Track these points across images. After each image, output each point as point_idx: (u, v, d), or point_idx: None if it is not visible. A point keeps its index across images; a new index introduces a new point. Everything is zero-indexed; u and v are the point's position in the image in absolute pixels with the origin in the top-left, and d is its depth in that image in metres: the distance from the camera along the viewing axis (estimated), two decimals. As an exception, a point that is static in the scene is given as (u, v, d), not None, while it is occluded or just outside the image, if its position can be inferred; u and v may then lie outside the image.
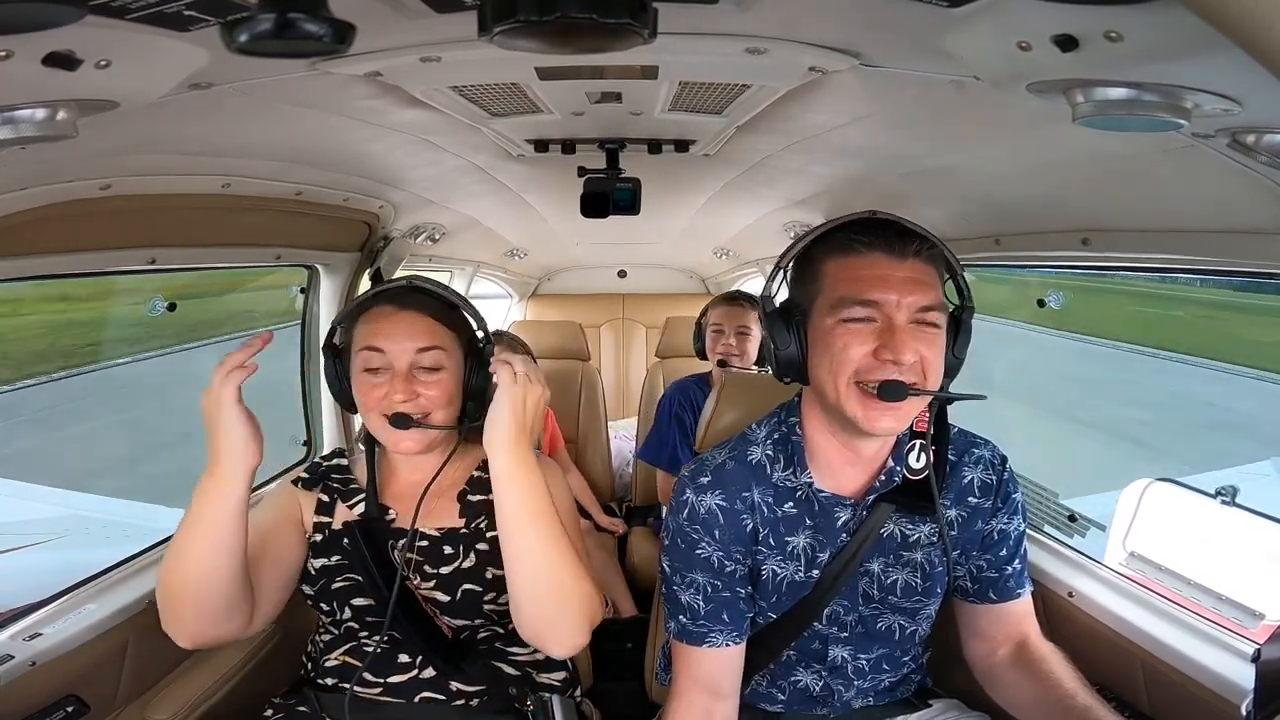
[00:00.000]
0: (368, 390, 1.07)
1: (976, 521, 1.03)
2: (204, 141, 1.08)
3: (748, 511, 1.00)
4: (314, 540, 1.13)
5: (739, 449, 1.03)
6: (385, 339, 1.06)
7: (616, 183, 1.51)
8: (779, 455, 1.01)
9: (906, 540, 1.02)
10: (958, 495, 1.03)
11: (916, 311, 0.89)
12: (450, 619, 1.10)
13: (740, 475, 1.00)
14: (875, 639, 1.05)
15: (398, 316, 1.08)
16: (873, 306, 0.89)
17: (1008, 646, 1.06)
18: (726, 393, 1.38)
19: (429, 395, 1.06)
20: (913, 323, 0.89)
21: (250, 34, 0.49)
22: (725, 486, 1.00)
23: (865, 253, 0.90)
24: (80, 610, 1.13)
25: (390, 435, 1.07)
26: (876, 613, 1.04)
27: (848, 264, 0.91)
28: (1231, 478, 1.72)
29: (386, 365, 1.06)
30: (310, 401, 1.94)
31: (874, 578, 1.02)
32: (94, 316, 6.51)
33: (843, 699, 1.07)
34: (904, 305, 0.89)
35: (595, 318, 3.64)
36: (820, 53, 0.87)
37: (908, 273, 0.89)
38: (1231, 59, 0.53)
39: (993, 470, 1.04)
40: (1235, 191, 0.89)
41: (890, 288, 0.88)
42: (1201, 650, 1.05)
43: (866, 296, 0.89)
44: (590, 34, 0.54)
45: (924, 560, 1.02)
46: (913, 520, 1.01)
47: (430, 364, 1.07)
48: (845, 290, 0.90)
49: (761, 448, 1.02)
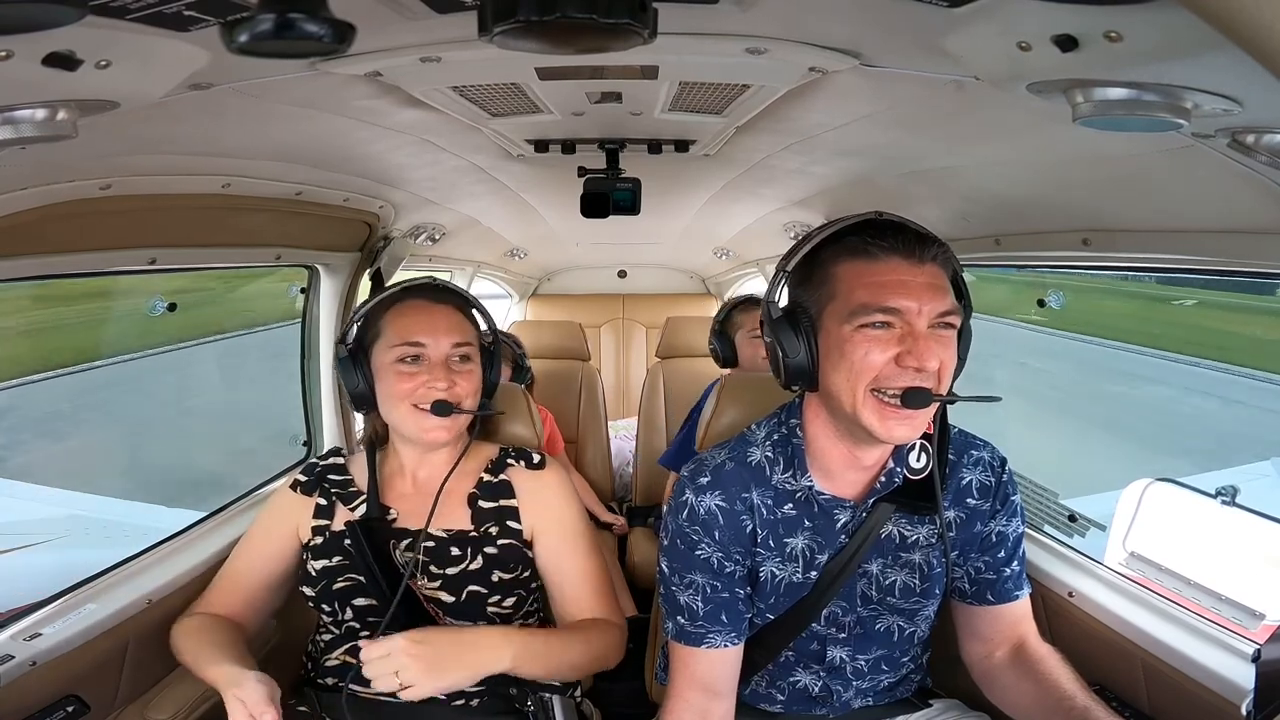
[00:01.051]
0: (402, 381, 1.11)
1: (975, 523, 1.03)
2: (204, 141, 1.08)
3: (747, 513, 0.99)
4: (314, 543, 1.14)
5: (738, 450, 1.03)
6: (425, 332, 1.12)
7: (616, 183, 1.51)
8: (779, 457, 1.00)
9: (905, 541, 1.02)
10: (956, 496, 1.02)
11: (936, 317, 0.88)
12: (453, 620, 1.11)
13: (740, 476, 1.00)
14: (874, 640, 1.04)
15: (435, 310, 1.14)
16: (894, 314, 0.87)
17: (1005, 647, 1.06)
18: (727, 392, 1.38)
19: (463, 385, 1.13)
20: (931, 327, 0.88)
21: (250, 34, 0.48)
22: (725, 487, 0.99)
23: (883, 258, 0.88)
24: (80, 610, 1.13)
25: (424, 423, 1.11)
26: (875, 614, 1.03)
27: (864, 269, 0.89)
28: (1229, 477, 1.72)
29: (425, 356, 1.12)
30: (310, 401, 1.94)
31: (872, 579, 1.02)
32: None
33: (842, 699, 1.07)
34: (925, 312, 0.87)
35: (595, 318, 3.64)
36: (820, 53, 0.87)
37: (927, 278, 0.88)
38: (1231, 59, 0.53)
39: (991, 472, 1.03)
40: (1235, 191, 0.89)
41: (911, 294, 0.87)
42: (1201, 650, 1.04)
43: (887, 304, 0.87)
44: (590, 34, 0.54)
45: (923, 561, 1.02)
46: (912, 521, 1.01)
47: (464, 355, 1.14)
48: (865, 296, 0.88)
49: (761, 449, 1.02)
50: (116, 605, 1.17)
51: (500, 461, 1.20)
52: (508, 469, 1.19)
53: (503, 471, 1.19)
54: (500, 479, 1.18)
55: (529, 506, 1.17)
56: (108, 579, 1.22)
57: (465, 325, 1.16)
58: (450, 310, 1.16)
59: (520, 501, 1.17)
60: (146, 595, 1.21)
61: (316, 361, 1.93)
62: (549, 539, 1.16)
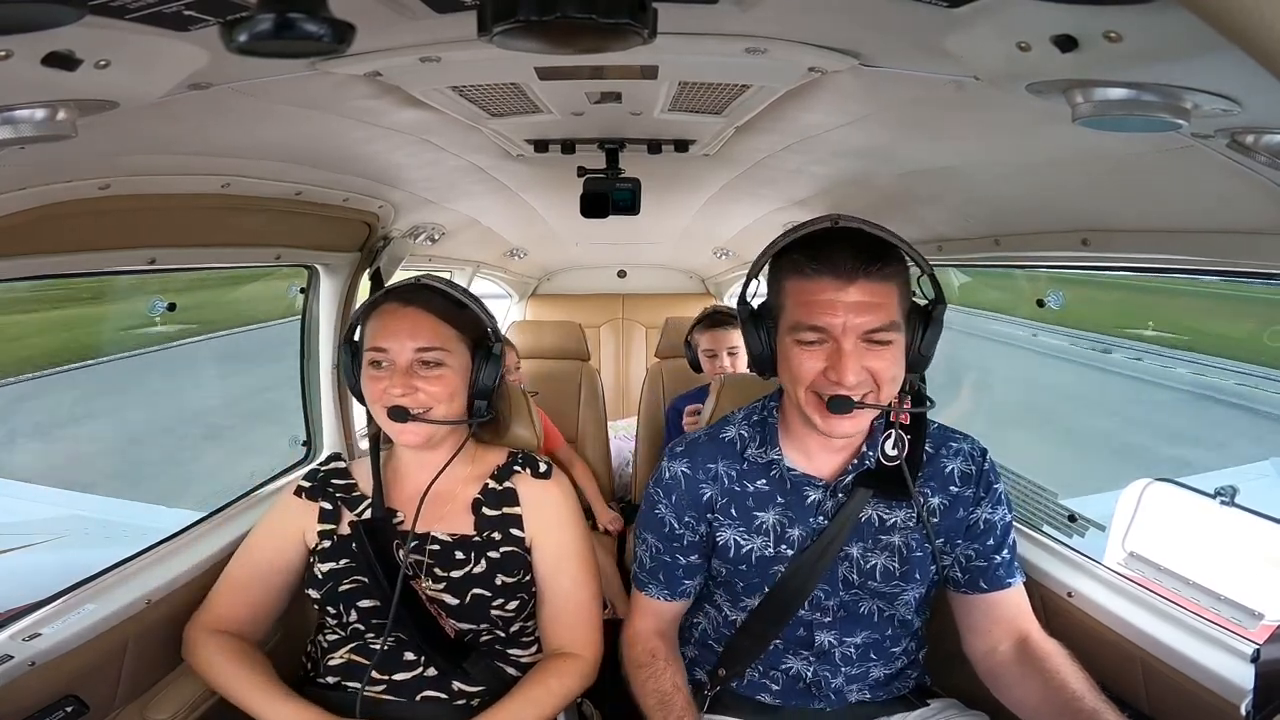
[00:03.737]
0: (372, 384, 1.11)
1: (958, 509, 1.06)
2: (204, 141, 1.08)
3: (708, 481, 1.09)
4: (321, 547, 1.15)
5: (716, 427, 1.14)
6: (387, 336, 1.10)
7: (616, 183, 1.51)
8: (755, 435, 1.10)
9: (884, 525, 1.06)
10: (939, 483, 1.06)
11: (864, 334, 0.93)
12: (456, 622, 1.11)
13: (709, 449, 1.11)
14: (858, 622, 1.08)
15: (401, 313, 1.11)
16: (821, 331, 0.94)
17: (1008, 643, 1.06)
18: (726, 392, 1.39)
19: (429, 391, 1.10)
20: (862, 341, 0.94)
21: (250, 34, 0.48)
22: (692, 456, 1.11)
23: (814, 277, 0.94)
24: (80, 610, 1.13)
25: (391, 426, 1.11)
26: (856, 597, 1.07)
27: (801, 286, 0.96)
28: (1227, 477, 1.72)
29: (389, 361, 1.09)
30: (310, 402, 1.94)
31: (853, 562, 1.06)
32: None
33: (833, 687, 1.09)
34: (849, 329, 0.93)
35: (595, 318, 3.64)
36: (820, 53, 0.87)
37: (855, 296, 0.93)
38: (1231, 59, 0.53)
39: (972, 461, 1.07)
40: (1235, 192, 0.89)
41: (835, 313, 0.93)
42: (1201, 650, 1.05)
43: (814, 322, 0.94)
44: (590, 34, 0.54)
45: (902, 544, 1.05)
46: (889, 505, 1.06)
47: (431, 360, 1.10)
48: (799, 314, 0.96)
49: (737, 427, 1.12)
50: (116, 605, 1.16)
51: (507, 469, 1.20)
52: (513, 476, 1.19)
53: (508, 479, 1.19)
54: (505, 487, 1.18)
55: (532, 516, 1.17)
56: (107, 579, 1.22)
57: (438, 328, 1.11)
58: (418, 313, 1.10)
59: (524, 510, 1.17)
60: (146, 595, 1.21)
61: (316, 362, 1.92)
62: (544, 554, 1.16)
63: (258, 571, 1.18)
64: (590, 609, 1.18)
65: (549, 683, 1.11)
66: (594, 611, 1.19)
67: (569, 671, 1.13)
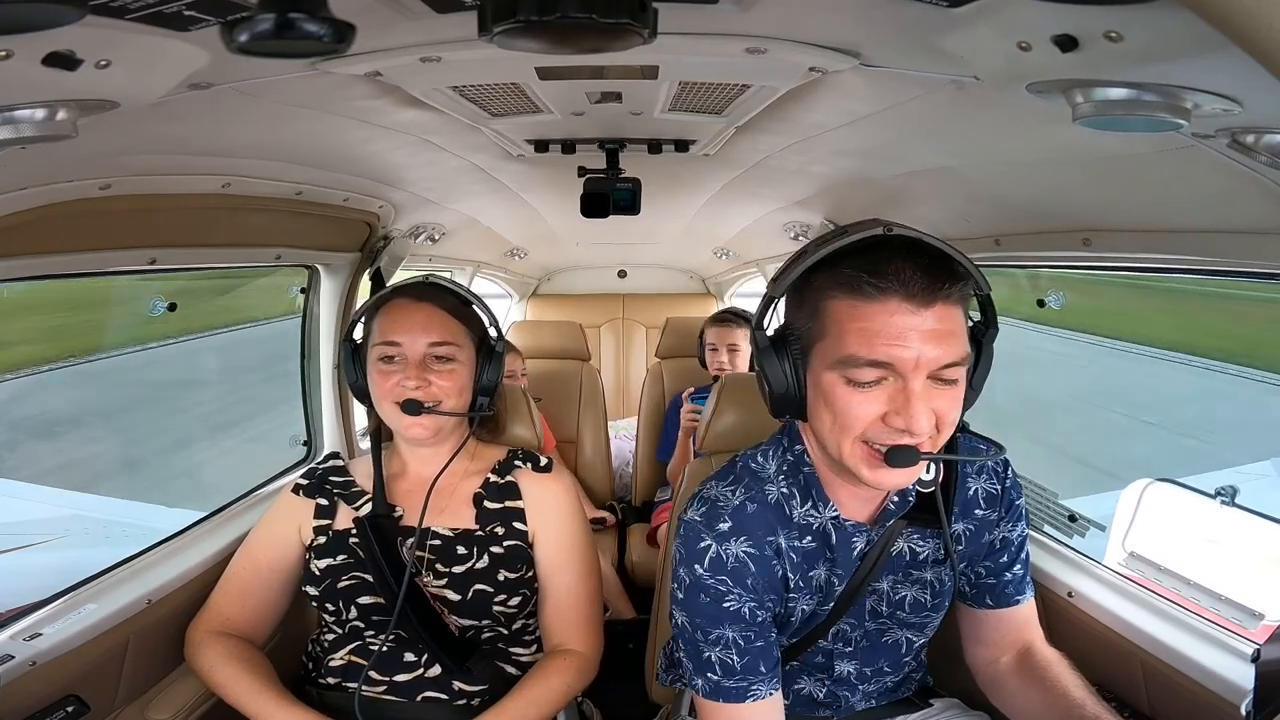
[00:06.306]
0: (383, 379, 1.12)
1: (984, 534, 0.99)
2: (204, 141, 1.08)
3: (777, 557, 0.91)
4: (316, 543, 1.15)
5: (754, 489, 0.93)
6: (401, 331, 1.12)
7: (616, 183, 1.51)
8: (794, 490, 0.92)
9: (917, 558, 0.97)
10: (964, 509, 0.98)
11: (938, 369, 0.76)
12: (459, 618, 1.11)
13: (764, 519, 0.91)
14: (881, 652, 1.02)
15: (414, 309, 1.13)
16: (886, 368, 0.76)
17: (1010, 653, 1.05)
18: (726, 393, 1.39)
19: (440, 385, 1.12)
20: (931, 379, 0.77)
21: (250, 34, 0.49)
22: (751, 532, 0.90)
23: (879, 298, 0.75)
24: (80, 610, 1.13)
25: (401, 420, 1.12)
26: (883, 628, 1.00)
27: (857, 310, 0.77)
28: (1229, 477, 1.72)
29: (401, 355, 1.11)
30: (310, 402, 1.94)
31: (882, 595, 0.98)
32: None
33: (848, 704, 1.07)
34: (923, 365, 0.75)
35: (595, 318, 3.64)
36: (820, 53, 0.87)
37: (931, 323, 0.75)
38: (1231, 59, 0.53)
39: (996, 479, 0.99)
40: (1235, 191, 0.89)
41: (908, 343, 0.75)
42: (1201, 651, 1.04)
43: (877, 357, 0.75)
44: (590, 34, 0.54)
45: (934, 579, 0.99)
46: (924, 535, 0.96)
47: (443, 355, 1.12)
48: (854, 345, 0.76)
49: (776, 485, 0.93)
50: (116, 605, 1.16)
51: (508, 463, 1.21)
52: (515, 471, 1.20)
53: (510, 473, 1.20)
54: (507, 480, 1.19)
55: (534, 510, 1.17)
56: (108, 579, 1.22)
57: (449, 324, 1.14)
58: (431, 309, 1.14)
59: (526, 504, 1.18)
60: (146, 595, 1.21)
61: (317, 361, 1.93)
62: (546, 549, 1.17)
63: (258, 571, 1.18)
64: (592, 605, 1.18)
65: (550, 681, 1.11)
66: (595, 608, 1.19)
67: (570, 669, 1.13)
